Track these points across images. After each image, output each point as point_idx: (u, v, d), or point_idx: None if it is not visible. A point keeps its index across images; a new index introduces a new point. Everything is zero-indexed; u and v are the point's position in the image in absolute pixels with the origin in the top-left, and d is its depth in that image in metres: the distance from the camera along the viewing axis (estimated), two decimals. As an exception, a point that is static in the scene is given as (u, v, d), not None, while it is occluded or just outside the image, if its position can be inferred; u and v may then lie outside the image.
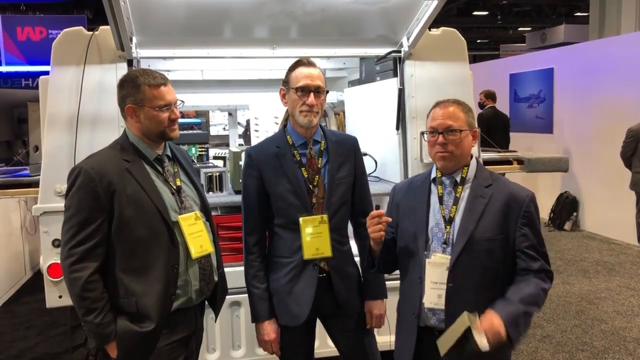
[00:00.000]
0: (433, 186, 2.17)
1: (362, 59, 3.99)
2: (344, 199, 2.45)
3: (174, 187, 2.22)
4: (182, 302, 2.19)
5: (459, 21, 17.32)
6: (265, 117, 3.78)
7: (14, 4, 13.39)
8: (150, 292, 2.09)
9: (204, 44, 3.26)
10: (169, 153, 2.29)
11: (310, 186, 2.37)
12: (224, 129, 9.13)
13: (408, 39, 3.32)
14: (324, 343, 3.15)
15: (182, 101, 2.33)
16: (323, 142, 2.44)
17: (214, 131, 8.26)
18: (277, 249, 2.44)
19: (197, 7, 2.96)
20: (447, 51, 3.44)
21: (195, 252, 2.19)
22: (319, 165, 2.40)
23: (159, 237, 2.11)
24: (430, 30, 3.39)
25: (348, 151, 2.49)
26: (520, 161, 3.92)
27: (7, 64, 12.18)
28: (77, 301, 2.04)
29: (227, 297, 3.13)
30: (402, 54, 3.37)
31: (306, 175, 2.38)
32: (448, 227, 2.09)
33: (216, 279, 2.38)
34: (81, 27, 3.11)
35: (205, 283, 2.27)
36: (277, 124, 3.76)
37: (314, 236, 2.35)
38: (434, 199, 2.14)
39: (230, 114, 5.37)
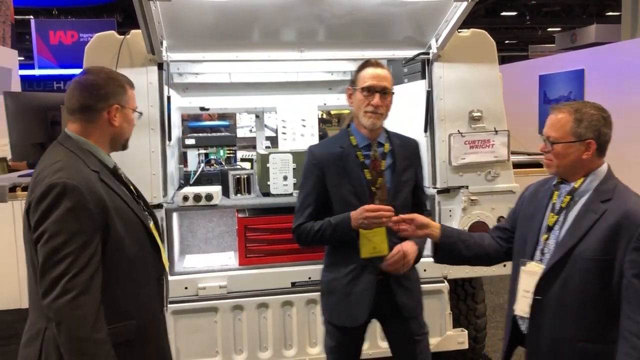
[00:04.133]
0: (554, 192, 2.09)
1: (390, 61, 3.97)
2: (406, 202, 2.44)
3: (135, 194, 2.07)
4: None
5: (486, 22, 17.16)
6: (293, 119, 3.80)
7: (46, 9, 13.70)
8: (149, 311, 1.96)
9: (232, 47, 3.28)
10: None
11: (373, 188, 2.36)
12: (250, 131, 9.19)
13: (437, 41, 3.29)
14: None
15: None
16: (387, 144, 2.43)
17: (240, 133, 8.29)
18: (336, 250, 2.46)
19: (226, 11, 2.98)
20: (477, 53, 3.41)
21: (165, 263, 2.08)
22: (383, 168, 2.39)
23: (146, 250, 1.96)
24: (459, 31, 3.36)
25: (412, 154, 2.50)
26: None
27: (40, 67, 12.47)
28: (77, 346, 1.68)
29: (253, 299, 3.19)
30: (430, 56, 3.35)
31: (369, 177, 2.36)
32: (545, 235, 2.03)
33: None
34: (113, 32, 3.17)
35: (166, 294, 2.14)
36: (304, 126, 3.78)
37: (372, 236, 2.32)
38: (550, 206, 2.07)
39: (257, 117, 5.39)
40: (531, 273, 2.01)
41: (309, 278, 3.23)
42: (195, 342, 3.13)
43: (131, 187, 2.06)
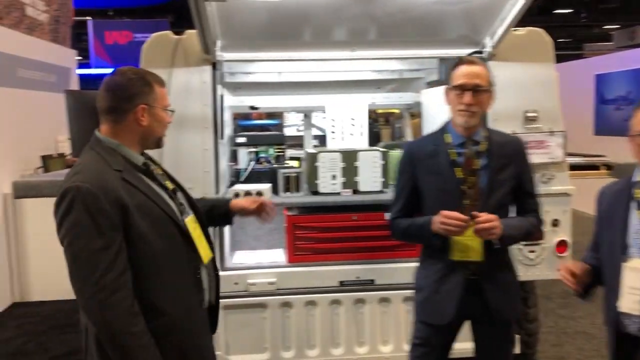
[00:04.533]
0: (633, 190, 2.05)
1: (442, 59, 3.92)
2: (502, 202, 2.33)
3: (170, 190, 2.03)
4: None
5: (539, 20, 16.70)
6: (342, 118, 3.80)
7: (102, 10, 14.15)
8: (183, 305, 1.93)
9: (284, 47, 3.31)
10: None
11: (464, 187, 2.29)
12: (297, 130, 9.25)
13: (491, 39, 3.23)
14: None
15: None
16: (485, 142, 2.33)
17: (287, 132, 8.36)
18: (428, 247, 2.42)
19: (279, 11, 3.01)
20: (532, 52, 3.33)
21: (205, 256, 2.04)
22: (476, 167, 2.30)
23: (177, 245, 1.93)
24: (514, 30, 3.29)
25: (512, 153, 2.37)
26: (608, 166, 3.73)
27: (95, 66, 12.92)
28: (120, 341, 1.71)
29: (302, 296, 3.21)
30: (484, 55, 3.29)
31: (460, 176, 2.29)
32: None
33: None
34: (169, 32, 3.24)
35: (213, 290, 2.13)
36: (353, 125, 3.77)
37: (463, 238, 2.25)
38: (634, 204, 2.03)
39: (305, 116, 5.42)
40: (637, 270, 1.97)
41: (357, 277, 3.23)
42: (245, 337, 3.18)
43: (166, 182, 2.04)
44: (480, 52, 3.30)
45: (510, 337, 2.45)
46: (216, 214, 2.36)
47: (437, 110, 4.06)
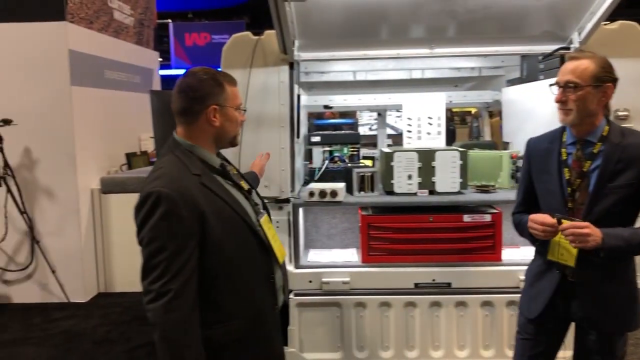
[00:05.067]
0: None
1: (524, 56, 3.78)
2: (613, 210, 2.14)
3: (245, 190, 2.04)
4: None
5: (629, 13, 15.76)
6: (419, 117, 3.73)
7: (182, 13, 14.68)
8: (255, 309, 1.94)
9: (361, 45, 3.30)
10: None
11: (570, 189, 2.20)
12: (370, 129, 9.22)
13: (579, 34, 3.08)
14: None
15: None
16: (600, 143, 2.18)
17: (360, 131, 8.36)
18: (537, 243, 2.38)
19: (357, 9, 3.00)
20: (625, 47, 3.13)
21: (280, 256, 2.05)
22: (585, 169, 2.18)
23: (251, 249, 1.94)
24: (603, 24, 3.11)
25: (634, 158, 2.14)
26: None
27: (175, 67, 13.41)
28: (168, 347, 1.74)
29: (376, 297, 3.18)
30: (571, 51, 3.13)
31: (567, 177, 2.21)
32: None
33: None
34: (248, 33, 3.30)
35: (286, 290, 2.15)
36: (430, 124, 3.69)
37: (561, 239, 2.17)
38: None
39: (379, 114, 5.38)
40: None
41: (433, 280, 3.17)
42: (318, 335, 3.19)
43: (242, 182, 2.06)
44: (567, 49, 3.15)
45: (609, 350, 2.26)
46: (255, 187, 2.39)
47: (519, 108, 3.92)
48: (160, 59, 8.63)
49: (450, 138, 5.69)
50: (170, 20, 13.93)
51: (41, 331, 4.76)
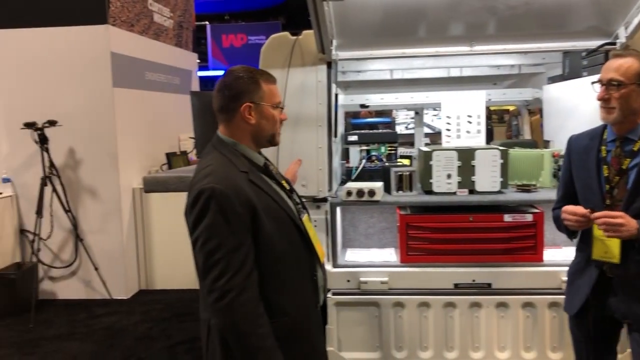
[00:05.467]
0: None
1: (566, 53, 3.69)
2: None
3: (287, 189, 2.06)
4: None
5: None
6: (458, 116, 3.68)
7: (219, 14, 14.88)
8: (302, 306, 1.96)
9: (399, 44, 3.29)
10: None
11: (608, 186, 2.20)
12: (407, 127, 9.16)
13: (626, 29, 2.99)
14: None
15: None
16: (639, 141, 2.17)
17: (397, 130, 8.32)
18: (579, 239, 2.40)
19: (395, 7, 2.98)
20: (674, 41, 3.04)
21: (321, 255, 2.05)
22: (624, 166, 2.17)
23: (297, 247, 1.95)
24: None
25: None
26: None
27: (213, 69, 13.61)
28: (246, 342, 1.75)
29: (415, 297, 3.16)
30: (617, 46, 3.05)
31: (606, 174, 2.21)
32: None
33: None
34: (286, 33, 3.32)
35: (325, 289, 2.15)
36: (470, 122, 3.64)
37: (601, 235, 2.16)
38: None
39: (417, 113, 5.34)
40: None
41: (473, 280, 3.13)
42: (357, 334, 3.19)
43: (284, 181, 2.07)
44: (612, 44, 3.07)
45: None
46: None
47: (560, 106, 3.84)
48: (198, 61, 8.77)
49: (489, 137, 5.59)
50: (207, 22, 14.14)
51: (85, 327, 4.90)
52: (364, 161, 3.83)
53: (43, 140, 5.17)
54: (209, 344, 1.92)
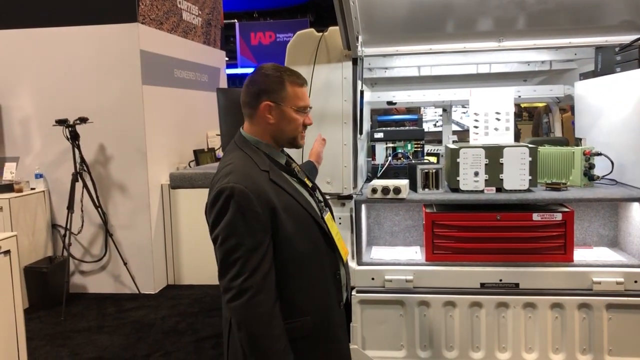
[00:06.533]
0: None
1: (599, 48, 3.60)
2: None
3: (309, 187, 2.03)
4: None
5: None
6: (486, 113, 3.62)
7: (248, 12, 14.96)
8: (324, 305, 1.94)
9: (426, 40, 3.25)
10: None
11: None
12: (434, 125, 9.07)
13: (662, 23, 2.90)
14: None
15: (310, 107, 2.03)
16: None
17: (424, 127, 8.24)
18: None
19: (421, 2, 2.95)
20: None
21: (344, 254, 2.04)
22: None
23: (319, 246, 1.93)
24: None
25: None
26: None
27: (241, 66, 13.70)
28: (257, 342, 1.75)
29: (440, 296, 3.12)
30: (652, 41, 2.96)
31: None
32: None
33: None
34: (312, 29, 3.31)
35: (348, 287, 2.14)
36: (498, 120, 3.58)
37: None
38: None
39: (444, 110, 5.28)
40: None
41: (500, 280, 3.07)
42: (381, 333, 3.17)
43: (306, 180, 2.06)
44: (647, 38, 2.98)
45: None
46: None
47: (593, 103, 3.74)
48: (227, 58, 8.82)
49: (518, 134, 5.50)
50: (236, 20, 14.23)
51: (114, 320, 4.99)
52: (389, 158, 3.80)
53: (74, 137, 5.28)
54: (230, 342, 1.93)
